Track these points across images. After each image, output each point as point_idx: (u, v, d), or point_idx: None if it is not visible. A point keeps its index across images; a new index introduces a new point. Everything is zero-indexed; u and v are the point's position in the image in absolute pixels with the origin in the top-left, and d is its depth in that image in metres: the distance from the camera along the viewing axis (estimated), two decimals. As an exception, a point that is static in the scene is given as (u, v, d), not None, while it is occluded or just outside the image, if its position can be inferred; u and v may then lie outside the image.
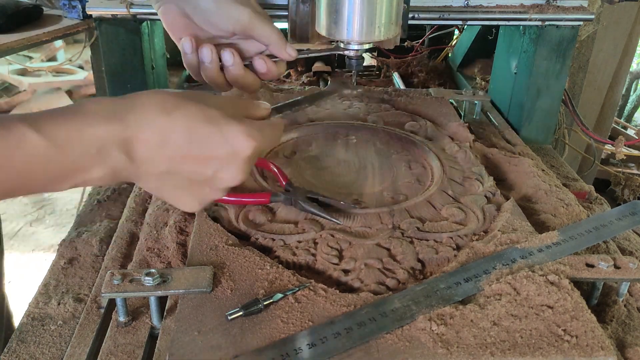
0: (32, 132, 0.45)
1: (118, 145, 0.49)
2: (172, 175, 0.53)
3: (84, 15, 1.33)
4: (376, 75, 1.71)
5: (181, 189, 0.55)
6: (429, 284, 0.57)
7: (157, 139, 0.50)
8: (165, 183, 0.54)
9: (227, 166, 0.54)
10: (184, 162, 0.52)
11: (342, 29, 0.73)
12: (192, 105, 0.52)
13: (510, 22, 1.02)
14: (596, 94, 1.99)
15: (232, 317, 0.52)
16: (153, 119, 0.50)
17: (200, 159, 0.53)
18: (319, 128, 0.95)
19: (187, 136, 0.51)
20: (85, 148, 0.47)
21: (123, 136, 0.49)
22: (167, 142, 0.51)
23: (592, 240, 0.66)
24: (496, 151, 0.92)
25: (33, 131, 0.45)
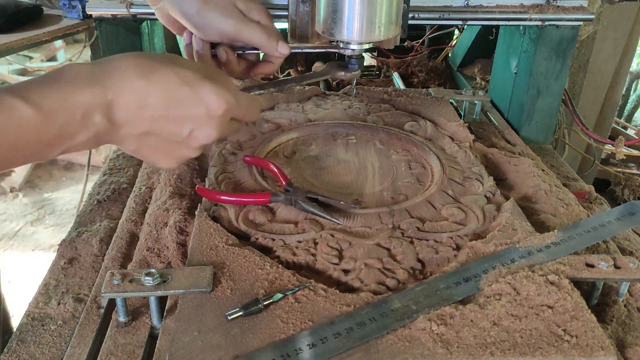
0: (22, 103, 0.46)
1: (100, 109, 0.51)
2: (150, 136, 0.56)
3: (84, 15, 1.33)
4: (376, 75, 1.71)
5: (159, 149, 0.58)
6: (429, 284, 0.57)
7: (136, 101, 0.53)
8: (144, 144, 0.57)
9: (202, 126, 0.57)
10: (162, 123, 0.55)
11: (342, 29, 0.73)
12: (168, 68, 0.55)
13: (510, 22, 1.02)
14: (596, 94, 1.99)
15: (232, 317, 0.52)
16: (131, 82, 0.52)
17: (177, 119, 0.56)
18: (319, 128, 0.95)
19: (164, 98, 0.54)
20: (70, 114, 0.49)
21: (104, 100, 0.51)
22: (145, 104, 0.53)
23: (592, 240, 0.66)
24: (496, 151, 0.92)
25: (22, 102, 0.46)
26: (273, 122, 0.95)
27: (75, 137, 0.51)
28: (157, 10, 0.80)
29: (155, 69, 0.54)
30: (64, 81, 0.49)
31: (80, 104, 0.49)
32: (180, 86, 0.55)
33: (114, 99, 0.51)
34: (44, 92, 0.48)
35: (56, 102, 0.48)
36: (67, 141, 0.50)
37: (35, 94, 0.47)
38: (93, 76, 0.51)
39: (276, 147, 0.90)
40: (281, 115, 0.98)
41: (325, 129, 0.95)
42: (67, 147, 0.51)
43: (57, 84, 0.49)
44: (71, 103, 0.49)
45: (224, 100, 0.57)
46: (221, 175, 0.79)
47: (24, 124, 0.46)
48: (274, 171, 0.78)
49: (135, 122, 0.54)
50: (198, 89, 0.56)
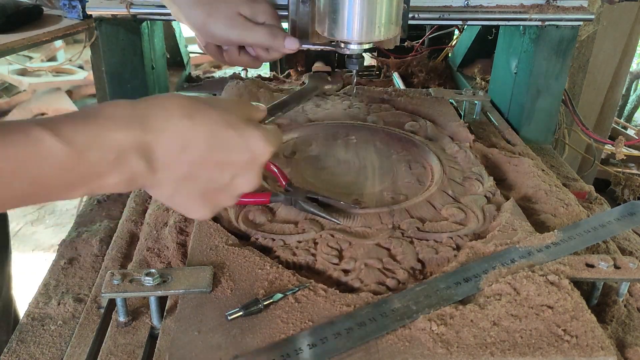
0: (51, 137, 0.42)
1: (137, 150, 0.47)
2: (188, 182, 0.51)
3: (84, 15, 1.33)
4: (376, 75, 1.71)
5: (195, 196, 0.53)
6: (429, 284, 0.57)
7: (178, 143, 0.49)
8: (180, 190, 0.52)
9: (245, 172, 0.53)
10: (203, 167, 0.51)
11: (342, 29, 0.73)
12: (213, 109, 0.51)
13: (510, 22, 1.02)
14: (596, 94, 1.99)
15: (232, 317, 0.52)
16: (175, 122, 0.49)
17: (219, 164, 0.52)
18: (319, 128, 0.95)
19: (208, 140, 0.50)
20: (103, 154, 0.45)
21: (143, 141, 0.47)
22: (188, 146, 0.49)
23: (592, 240, 0.66)
24: (496, 151, 0.92)
25: (51, 135, 0.42)
26: (273, 122, 0.95)
27: (105, 177, 0.46)
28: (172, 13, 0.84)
29: (200, 109, 0.50)
30: (101, 117, 0.46)
31: (115, 143, 0.45)
32: (225, 129, 0.51)
33: (154, 139, 0.47)
34: (78, 127, 0.44)
35: (89, 139, 0.44)
36: (95, 181, 0.46)
37: (67, 128, 0.44)
38: (133, 114, 0.47)
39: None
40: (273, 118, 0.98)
41: (325, 129, 0.95)
42: (94, 187, 0.47)
43: (94, 120, 0.45)
44: (105, 141, 0.45)
45: (270, 145, 0.53)
46: (221, 175, 0.79)
47: (50, 159, 0.42)
48: (274, 171, 0.77)
49: (175, 165, 0.50)
50: (244, 133, 0.52)
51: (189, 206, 0.54)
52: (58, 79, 3.55)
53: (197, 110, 0.50)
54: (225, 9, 0.75)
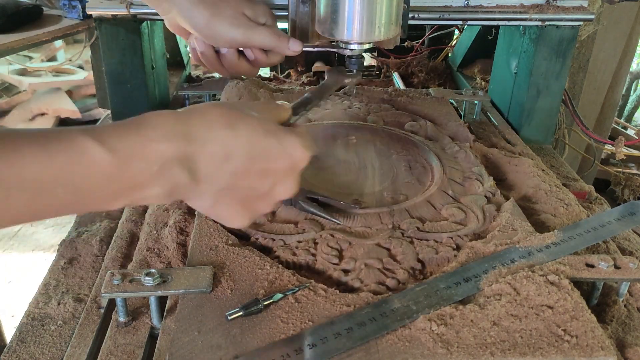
0: (95, 145, 0.42)
1: (180, 162, 0.46)
2: (230, 192, 0.51)
3: (84, 15, 1.33)
4: (376, 75, 1.71)
5: (236, 205, 0.53)
6: (429, 284, 0.57)
7: (222, 153, 0.49)
8: (221, 200, 0.52)
9: (284, 179, 0.54)
10: (245, 177, 0.51)
11: (342, 29, 0.73)
12: (253, 118, 0.51)
13: (510, 22, 1.02)
14: (596, 94, 1.99)
15: (232, 317, 0.52)
16: (217, 132, 0.48)
17: (260, 172, 0.51)
18: (319, 128, 0.95)
19: (250, 150, 0.50)
20: (147, 164, 0.45)
21: (187, 152, 0.47)
22: (231, 156, 0.49)
23: (592, 240, 0.66)
24: (496, 151, 0.92)
25: (96, 144, 0.42)
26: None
27: (147, 188, 0.46)
28: (166, 19, 0.81)
29: (241, 118, 0.50)
30: (144, 128, 0.45)
31: (159, 155, 0.45)
32: (265, 137, 0.51)
33: (198, 150, 0.47)
34: (122, 136, 0.44)
35: (133, 149, 0.44)
36: (137, 192, 0.46)
37: (112, 137, 0.43)
38: (177, 125, 0.47)
39: (276, 147, 0.90)
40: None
41: (325, 129, 0.95)
42: (136, 198, 0.46)
43: (136, 130, 0.45)
44: (149, 152, 0.45)
45: (308, 150, 0.54)
46: (221, 175, 0.79)
47: (94, 167, 0.42)
48: (274, 171, 0.77)
49: (218, 175, 0.49)
50: (283, 140, 0.52)
51: (229, 215, 0.54)
52: (58, 79, 3.55)
53: (238, 119, 0.50)
54: (229, 8, 0.74)
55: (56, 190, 0.41)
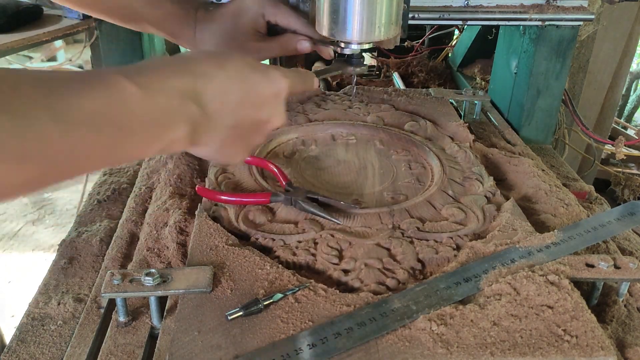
0: (127, 81, 0.45)
1: (192, 98, 0.50)
2: (234, 127, 0.56)
3: (84, 15, 1.33)
4: (376, 75, 1.71)
5: (240, 142, 0.58)
6: (429, 284, 0.57)
7: (220, 90, 0.53)
8: (229, 139, 0.56)
9: (276, 107, 0.60)
10: (244, 110, 0.56)
11: (342, 29, 0.73)
12: (237, 58, 0.56)
13: (510, 22, 1.02)
14: (596, 94, 1.99)
15: (232, 317, 0.52)
16: (213, 72, 0.53)
17: (255, 104, 0.57)
18: (319, 128, 0.95)
19: (242, 85, 0.55)
20: (169, 99, 0.48)
21: (194, 89, 0.50)
22: (228, 92, 0.54)
23: (592, 240, 0.66)
24: (496, 151, 0.92)
25: (129, 81, 0.45)
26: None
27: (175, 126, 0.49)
28: None
29: (227, 59, 0.55)
30: (159, 67, 0.50)
31: (176, 89, 0.49)
32: (252, 72, 0.56)
33: (203, 87, 0.51)
34: (144, 74, 0.47)
35: (156, 84, 0.48)
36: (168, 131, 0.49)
37: (138, 74, 0.46)
38: (179, 66, 0.51)
39: (276, 147, 0.90)
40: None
41: (325, 129, 0.95)
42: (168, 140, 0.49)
43: (154, 69, 0.49)
44: (169, 86, 0.48)
45: (289, 79, 0.60)
46: (221, 175, 0.79)
47: (130, 103, 0.44)
48: (274, 171, 0.78)
49: (223, 110, 0.54)
50: (267, 73, 0.58)
51: (234, 152, 0.59)
52: (58, 79, 3.54)
53: (225, 60, 0.55)
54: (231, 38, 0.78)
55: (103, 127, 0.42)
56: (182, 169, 0.84)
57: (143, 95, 0.45)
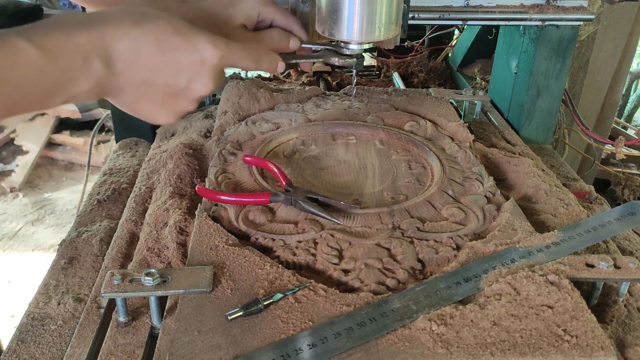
0: (27, 44, 0.46)
1: (99, 55, 0.51)
2: (147, 87, 0.56)
3: (84, 15, 1.33)
4: (376, 75, 1.71)
5: (156, 102, 0.58)
6: (429, 284, 0.57)
7: (131, 49, 0.53)
8: (141, 97, 0.57)
9: (198, 76, 0.58)
10: (158, 72, 0.55)
11: (342, 29, 0.73)
12: (161, 18, 0.55)
13: (510, 22, 1.02)
14: (596, 94, 1.99)
15: (232, 317, 0.52)
16: (126, 30, 0.53)
17: (172, 69, 0.56)
18: (319, 128, 0.95)
19: (158, 46, 0.54)
20: (72, 57, 0.49)
21: (102, 46, 0.51)
22: (140, 51, 0.54)
23: (592, 240, 0.66)
24: (496, 151, 0.92)
25: (27, 42, 0.46)
26: (273, 122, 0.95)
27: (76, 83, 0.51)
28: None
29: (148, 18, 0.55)
30: (65, 25, 0.50)
31: (81, 47, 0.50)
32: (174, 35, 0.55)
33: (111, 45, 0.52)
34: (47, 33, 0.48)
35: (59, 44, 0.49)
36: (69, 87, 0.50)
37: (39, 35, 0.48)
38: (91, 22, 0.52)
39: (276, 147, 0.90)
40: (281, 115, 0.98)
41: (325, 129, 0.95)
42: (70, 95, 0.51)
43: (58, 27, 0.50)
44: (72, 45, 0.49)
45: (218, 49, 0.58)
46: (221, 175, 0.79)
47: (28, 64, 0.46)
48: (274, 171, 0.78)
49: (133, 70, 0.54)
50: (192, 38, 0.56)
51: (152, 112, 0.60)
52: (58, 79, 3.54)
53: (145, 18, 0.54)
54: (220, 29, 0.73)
55: (1, 89, 0.45)
56: (182, 169, 0.84)
57: (42, 56, 0.47)
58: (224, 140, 0.89)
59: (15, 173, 3.11)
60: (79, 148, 3.27)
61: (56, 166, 3.28)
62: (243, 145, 0.88)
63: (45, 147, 3.27)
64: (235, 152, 0.85)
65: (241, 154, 0.84)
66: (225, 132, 0.93)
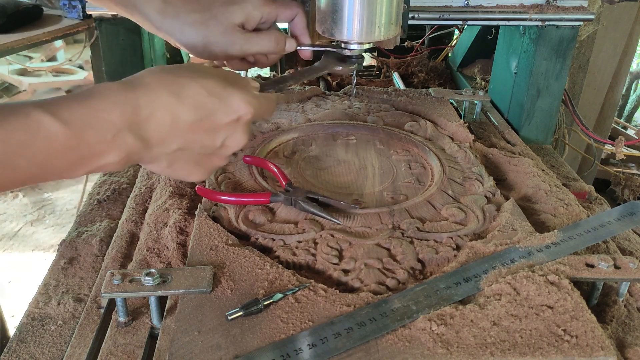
0: (50, 118, 0.44)
1: (131, 130, 0.49)
2: (183, 152, 0.56)
3: (84, 15, 1.33)
4: (376, 75, 1.71)
5: (191, 163, 0.58)
6: (429, 284, 0.57)
7: (168, 119, 0.52)
8: (177, 161, 0.57)
9: (232, 132, 0.58)
10: (195, 137, 0.55)
11: (342, 29, 0.73)
12: (195, 81, 0.55)
13: (510, 22, 1.02)
14: (596, 94, 1.99)
15: (232, 317, 0.52)
16: (162, 100, 0.52)
17: (209, 131, 0.56)
18: (319, 128, 0.95)
19: (195, 113, 0.54)
20: (101, 134, 0.47)
21: (136, 120, 0.50)
22: (178, 120, 0.53)
23: (592, 240, 0.66)
24: (496, 151, 0.92)
25: (50, 117, 0.44)
26: (273, 122, 0.95)
27: (105, 156, 0.49)
28: None
29: (183, 84, 0.54)
30: (95, 99, 0.48)
31: (111, 123, 0.48)
32: (209, 98, 0.55)
33: (146, 118, 0.51)
34: (74, 108, 0.46)
35: (86, 120, 0.47)
36: (95, 160, 0.49)
37: (64, 109, 0.46)
38: (124, 95, 0.50)
39: (276, 147, 0.90)
40: (281, 115, 0.98)
41: (325, 129, 0.95)
42: (96, 166, 0.49)
43: (87, 101, 0.48)
44: (102, 122, 0.47)
45: (252, 105, 0.58)
46: (221, 175, 0.79)
47: (51, 140, 0.44)
48: (274, 171, 0.78)
49: (169, 139, 0.53)
50: (226, 99, 0.56)
51: (186, 173, 0.60)
52: (58, 79, 3.55)
53: (180, 85, 0.54)
54: (220, 25, 0.71)
55: (17, 164, 0.43)
56: (182, 169, 0.84)
57: (67, 131, 0.45)
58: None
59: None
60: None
61: (56, 166, 3.27)
62: (243, 145, 0.88)
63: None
64: (235, 152, 0.85)
65: (241, 154, 0.84)
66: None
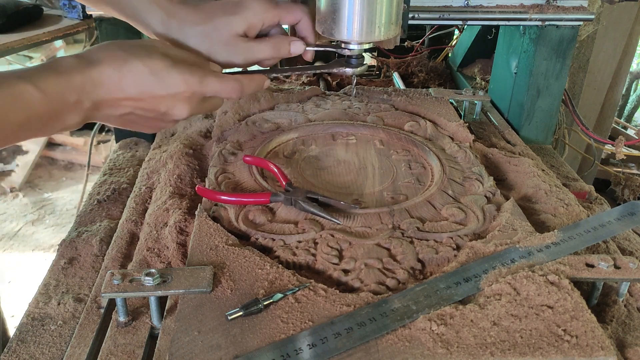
0: (31, 87, 0.54)
1: (87, 96, 0.59)
2: (129, 116, 0.66)
3: (84, 15, 1.33)
4: (376, 75, 1.71)
5: (139, 123, 0.68)
6: (429, 284, 0.57)
7: (114, 90, 0.61)
8: (126, 121, 0.67)
9: (173, 106, 0.66)
10: (138, 105, 0.64)
11: (342, 29, 0.73)
12: (138, 59, 0.62)
13: (510, 22, 1.02)
14: (596, 94, 1.99)
15: (232, 317, 0.52)
16: (108, 75, 0.61)
17: (150, 103, 0.65)
18: (319, 128, 0.95)
19: (136, 87, 0.63)
20: (67, 98, 0.58)
21: (89, 89, 0.59)
22: (122, 91, 0.62)
23: (592, 240, 0.66)
24: (496, 151, 0.92)
25: (32, 86, 0.54)
26: (273, 122, 0.95)
27: (67, 118, 0.59)
28: None
29: (126, 61, 0.62)
30: (61, 70, 0.58)
31: (74, 91, 0.58)
32: (148, 76, 0.63)
33: (96, 87, 0.60)
34: (49, 79, 0.56)
35: (59, 89, 0.57)
36: (62, 121, 0.59)
37: (42, 80, 0.55)
38: (80, 67, 0.59)
39: (276, 147, 0.90)
40: (281, 115, 0.98)
41: (325, 129, 0.95)
42: (62, 127, 0.60)
43: (56, 72, 0.57)
44: (68, 89, 0.57)
45: (188, 85, 0.65)
46: (221, 175, 0.79)
47: (31, 106, 0.54)
48: (274, 171, 0.78)
49: (116, 106, 0.63)
50: (165, 78, 0.63)
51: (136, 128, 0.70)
52: (58, 79, 3.54)
53: (123, 61, 0.62)
54: (221, 37, 0.72)
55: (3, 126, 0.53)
56: (182, 169, 0.84)
57: (43, 98, 0.55)
58: (224, 140, 0.89)
59: (15, 173, 3.11)
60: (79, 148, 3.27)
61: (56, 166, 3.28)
62: (243, 145, 0.88)
63: (45, 147, 3.27)
64: (235, 152, 0.85)
65: (241, 153, 0.84)
66: (225, 132, 0.93)
